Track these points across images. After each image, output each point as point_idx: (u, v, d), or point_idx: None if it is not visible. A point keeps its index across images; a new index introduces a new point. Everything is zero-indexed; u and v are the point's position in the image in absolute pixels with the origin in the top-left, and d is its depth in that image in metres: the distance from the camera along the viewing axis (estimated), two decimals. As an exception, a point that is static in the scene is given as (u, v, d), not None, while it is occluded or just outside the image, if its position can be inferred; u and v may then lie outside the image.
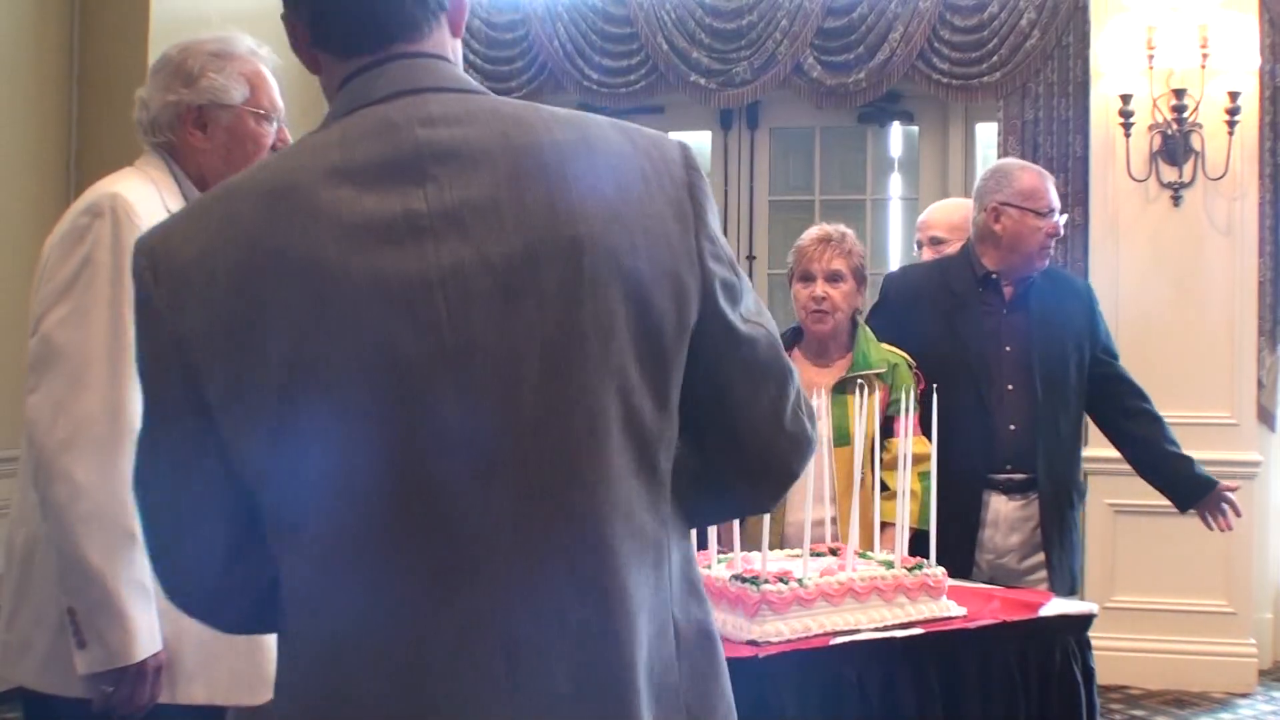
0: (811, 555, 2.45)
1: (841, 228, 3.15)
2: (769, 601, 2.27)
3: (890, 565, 2.48)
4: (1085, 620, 2.59)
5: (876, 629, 2.36)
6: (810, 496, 2.42)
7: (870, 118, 5.98)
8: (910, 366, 3.08)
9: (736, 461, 1.27)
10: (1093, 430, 5.06)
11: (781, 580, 2.32)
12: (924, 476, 2.77)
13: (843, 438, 2.92)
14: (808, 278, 3.08)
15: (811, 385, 2.81)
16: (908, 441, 2.57)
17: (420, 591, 1.11)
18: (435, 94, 1.18)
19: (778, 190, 6.16)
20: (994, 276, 3.32)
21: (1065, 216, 3.50)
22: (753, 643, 2.25)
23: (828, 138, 6.18)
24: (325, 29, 1.22)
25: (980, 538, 3.22)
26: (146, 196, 2.00)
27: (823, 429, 2.55)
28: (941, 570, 2.50)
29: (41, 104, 4.77)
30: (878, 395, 2.92)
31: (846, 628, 2.33)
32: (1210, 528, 3.37)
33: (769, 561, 2.41)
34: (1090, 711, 2.51)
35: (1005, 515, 3.25)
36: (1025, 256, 3.28)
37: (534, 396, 1.11)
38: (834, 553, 2.60)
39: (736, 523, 2.73)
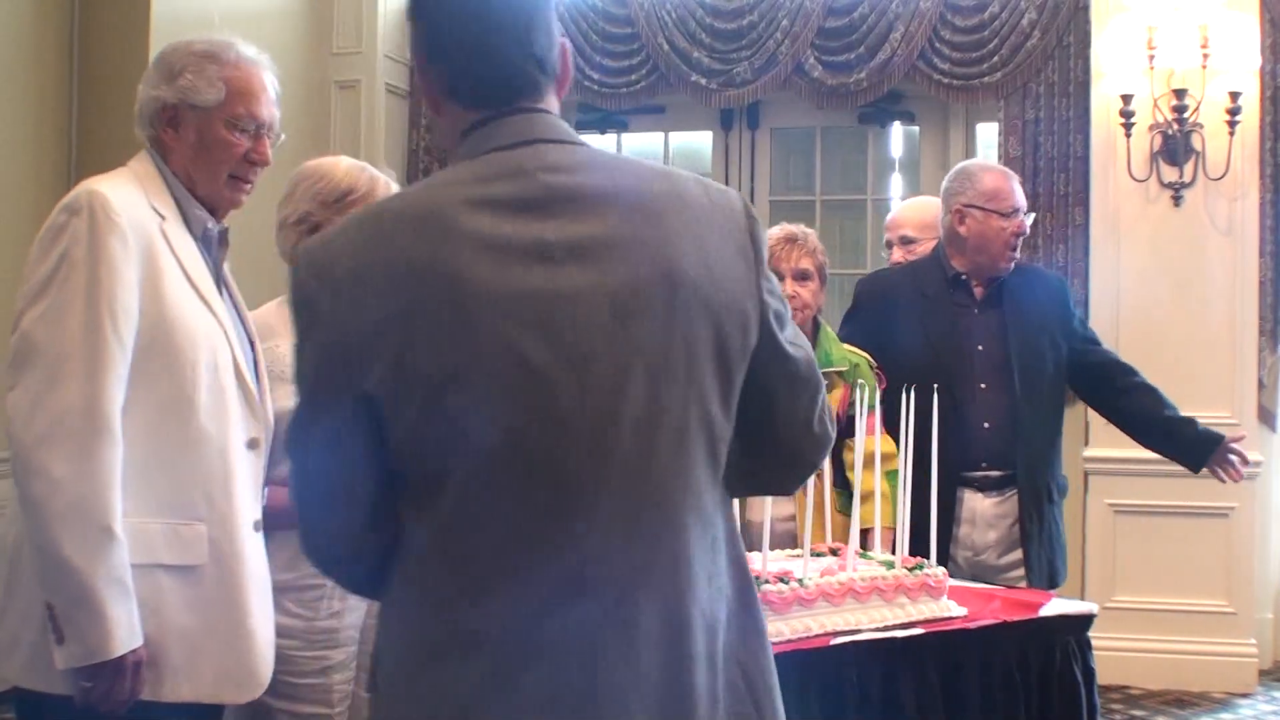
0: (812, 555, 2.45)
1: (803, 227, 3.15)
2: (770, 602, 2.27)
3: (891, 565, 2.48)
4: (1085, 620, 2.59)
5: (877, 629, 2.36)
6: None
7: (871, 118, 5.98)
8: (871, 366, 3.08)
9: (773, 453, 1.55)
10: (1092, 430, 5.08)
11: (782, 580, 2.32)
12: (891, 475, 2.77)
13: None
14: (775, 276, 3.07)
15: None
16: (906, 439, 2.57)
17: (537, 553, 1.35)
18: (552, 145, 1.43)
19: (778, 190, 6.16)
20: (964, 277, 3.34)
21: (1032, 216, 3.52)
22: (753, 643, 2.24)
23: (828, 138, 6.18)
24: (461, 85, 1.45)
25: (957, 535, 3.24)
26: (128, 194, 2.00)
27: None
28: (942, 570, 2.51)
29: (41, 104, 4.77)
30: (840, 393, 2.94)
31: (847, 628, 2.33)
32: (1223, 480, 3.38)
33: (769, 561, 2.41)
34: (1091, 711, 2.51)
35: (982, 512, 3.28)
36: (992, 257, 3.30)
37: (637, 399, 1.36)
38: (834, 553, 2.60)
39: (737, 525, 2.73)
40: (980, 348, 3.30)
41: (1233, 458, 3.31)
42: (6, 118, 4.59)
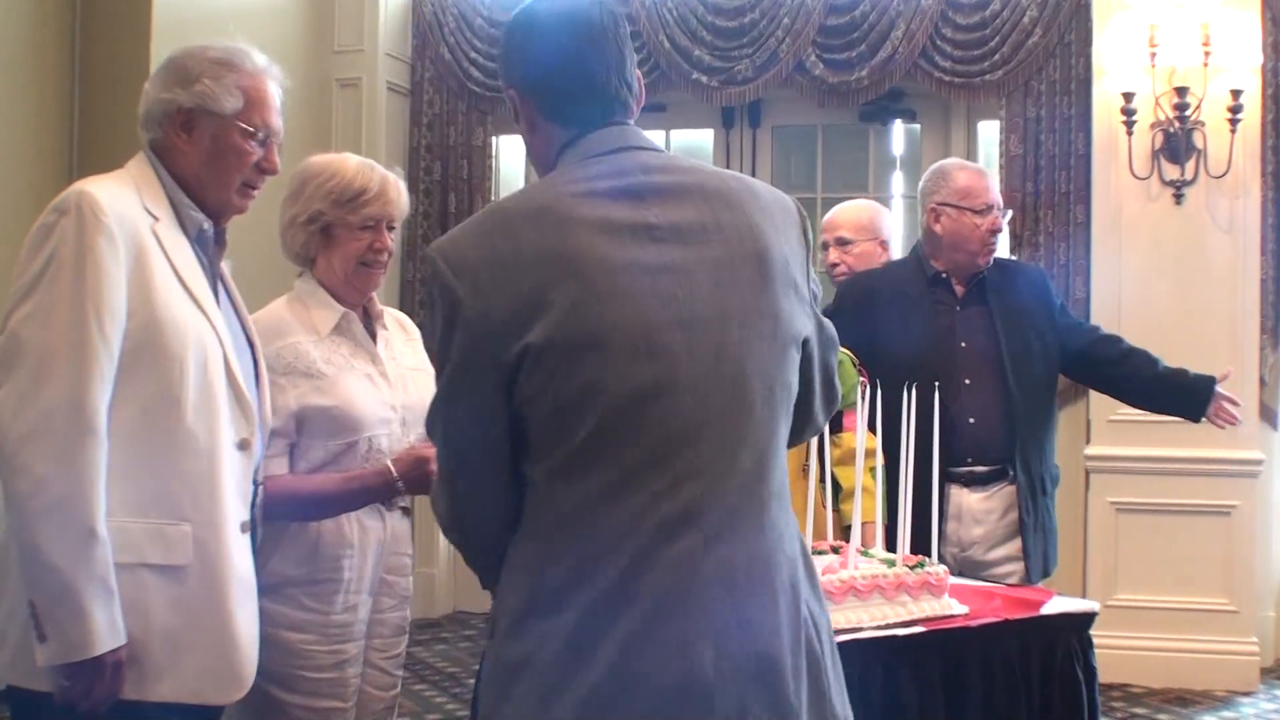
0: (813, 554, 2.45)
1: None
2: (771, 600, 2.26)
3: (892, 564, 2.48)
4: (1087, 618, 2.59)
5: (879, 627, 2.36)
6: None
7: (872, 116, 5.98)
8: (853, 363, 3.08)
9: (801, 408, 1.71)
10: (1094, 428, 5.08)
11: (783, 579, 2.31)
12: (874, 472, 2.77)
13: None
14: None
15: None
16: (907, 438, 2.57)
17: (648, 491, 1.54)
18: (644, 152, 1.68)
19: (779, 188, 6.10)
20: (944, 276, 3.36)
21: (1009, 213, 3.54)
22: (755, 641, 2.24)
23: (830, 136, 6.18)
24: (564, 108, 1.69)
25: (944, 531, 3.24)
26: (119, 195, 2.00)
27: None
28: (943, 568, 2.51)
29: (43, 105, 4.78)
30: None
31: (849, 625, 2.33)
32: (1223, 427, 3.41)
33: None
34: (1092, 710, 2.51)
35: (968, 508, 3.30)
36: (969, 254, 3.34)
37: (733, 357, 1.58)
38: (835, 550, 2.60)
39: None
40: (964, 344, 3.32)
41: (1226, 404, 3.34)
42: (8, 118, 4.60)
